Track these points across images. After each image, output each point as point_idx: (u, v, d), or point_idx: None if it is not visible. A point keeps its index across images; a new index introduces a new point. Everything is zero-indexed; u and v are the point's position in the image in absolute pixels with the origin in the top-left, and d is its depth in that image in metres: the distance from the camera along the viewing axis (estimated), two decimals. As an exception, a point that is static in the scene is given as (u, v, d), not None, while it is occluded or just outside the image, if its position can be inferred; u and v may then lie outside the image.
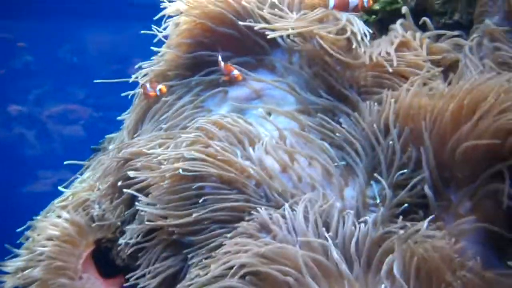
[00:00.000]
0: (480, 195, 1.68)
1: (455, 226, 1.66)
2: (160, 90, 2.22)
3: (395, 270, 1.56)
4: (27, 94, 7.27)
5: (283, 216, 1.74)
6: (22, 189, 6.97)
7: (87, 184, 2.38)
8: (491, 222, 1.65)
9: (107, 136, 2.77)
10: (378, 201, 1.81)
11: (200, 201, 1.85)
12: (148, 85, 2.26)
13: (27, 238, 2.25)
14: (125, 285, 1.99)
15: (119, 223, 2.13)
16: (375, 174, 1.83)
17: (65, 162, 2.73)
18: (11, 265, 2.14)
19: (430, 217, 1.68)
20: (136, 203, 1.95)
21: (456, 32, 2.09)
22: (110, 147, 2.45)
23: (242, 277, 1.64)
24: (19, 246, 2.28)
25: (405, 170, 1.79)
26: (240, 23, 2.13)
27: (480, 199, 1.69)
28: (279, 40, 2.09)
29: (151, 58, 2.41)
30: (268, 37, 2.06)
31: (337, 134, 1.94)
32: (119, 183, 2.09)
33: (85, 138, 7.01)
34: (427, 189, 1.73)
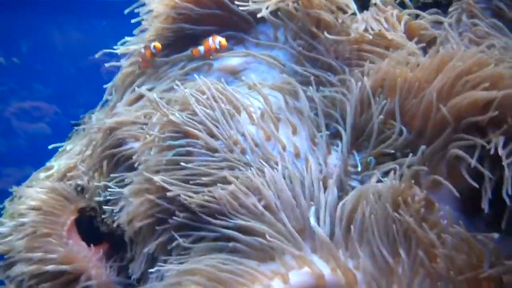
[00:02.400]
0: (453, 163, 1.74)
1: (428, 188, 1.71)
2: (154, 47, 2.23)
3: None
4: (-9, 91, 7.17)
5: (267, 182, 1.79)
6: (-16, 186, 6.86)
7: (70, 155, 2.39)
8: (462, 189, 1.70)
9: (89, 111, 2.77)
10: (359, 169, 1.87)
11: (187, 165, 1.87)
12: (143, 50, 2.28)
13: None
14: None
15: (103, 192, 2.13)
16: (358, 142, 1.89)
17: (50, 147, 2.69)
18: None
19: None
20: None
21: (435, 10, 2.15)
22: (94, 119, 2.46)
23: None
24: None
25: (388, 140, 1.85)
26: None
27: (453, 167, 1.74)
28: (265, 13, 2.13)
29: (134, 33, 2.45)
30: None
31: (322, 103, 1.98)
32: (105, 152, 2.10)
33: (50, 135, 6.93)
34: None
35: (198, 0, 2.25)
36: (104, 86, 2.49)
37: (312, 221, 1.70)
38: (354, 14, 2.13)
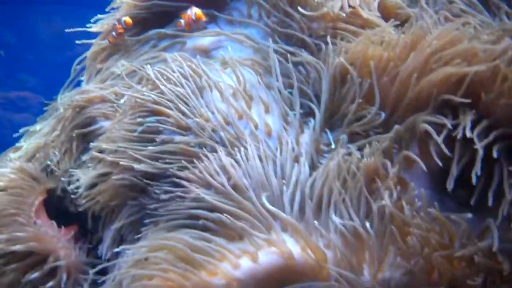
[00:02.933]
0: (424, 140, 1.71)
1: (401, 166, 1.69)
2: (125, 22, 2.19)
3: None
4: (-25, 82, 7.07)
5: (238, 161, 1.76)
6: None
7: (39, 135, 2.34)
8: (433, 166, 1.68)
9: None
10: (333, 146, 1.85)
11: (157, 140, 1.83)
12: (115, 25, 2.24)
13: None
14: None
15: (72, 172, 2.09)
16: (332, 121, 1.86)
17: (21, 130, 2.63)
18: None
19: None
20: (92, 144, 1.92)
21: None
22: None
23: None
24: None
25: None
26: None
27: (425, 144, 1.71)
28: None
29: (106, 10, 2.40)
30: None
31: (295, 81, 1.95)
32: (75, 131, 2.06)
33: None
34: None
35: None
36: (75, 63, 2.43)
37: (268, 205, 1.67)
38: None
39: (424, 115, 1.65)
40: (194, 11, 2.11)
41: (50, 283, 1.89)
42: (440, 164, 1.58)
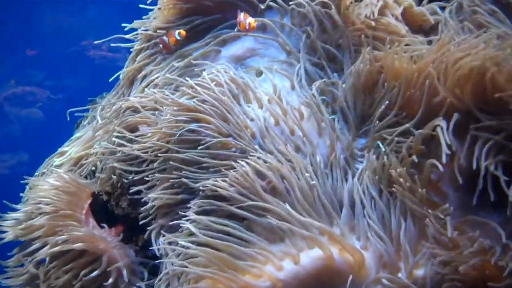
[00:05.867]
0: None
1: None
2: (179, 33, 2.29)
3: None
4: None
5: (276, 165, 1.87)
6: (-22, 172, 6.74)
7: (81, 141, 2.46)
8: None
9: (99, 96, 2.83)
10: (364, 152, 1.96)
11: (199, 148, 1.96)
12: (165, 37, 2.34)
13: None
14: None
15: (115, 176, 2.21)
16: (362, 127, 1.97)
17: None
18: (11, 216, 2.19)
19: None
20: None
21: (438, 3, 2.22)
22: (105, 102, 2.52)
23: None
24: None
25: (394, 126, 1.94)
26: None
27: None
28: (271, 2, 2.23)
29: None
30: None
31: (328, 90, 2.06)
32: (119, 138, 2.17)
33: (43, 120, 6.91)
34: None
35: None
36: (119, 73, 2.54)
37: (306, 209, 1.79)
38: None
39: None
40: (248, 22, 2.20)
41: (109, 281, 2.00)
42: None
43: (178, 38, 2.29)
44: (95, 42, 2.53)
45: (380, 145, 1.89)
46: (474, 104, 1.75)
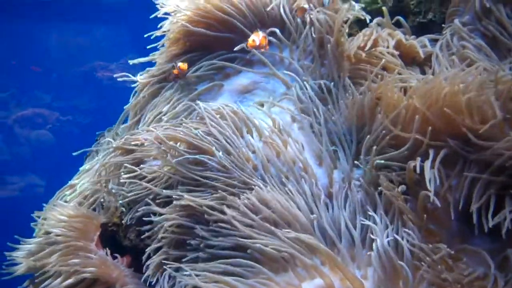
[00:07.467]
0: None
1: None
2: (179, 67, 2.41)
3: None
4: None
5: (277, 197, 1.96)
6: (-12, 194, 6.82)
7: (89, 173, 2.54)
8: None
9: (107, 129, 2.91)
10: (362, 181, 2.04)
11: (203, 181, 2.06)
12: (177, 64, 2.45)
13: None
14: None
15: (123, 208, 2.29)
16: (361, 158, 2.06)
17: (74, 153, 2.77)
18: (24, 247, 2.27)
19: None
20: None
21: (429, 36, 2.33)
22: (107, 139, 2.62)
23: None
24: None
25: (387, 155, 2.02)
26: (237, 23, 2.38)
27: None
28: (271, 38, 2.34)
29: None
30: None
31: (325, 120, 2.16)
32: (124, 175, 2.26)
33: (52, 142, 6.98)
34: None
35: (209, 24, 2.44)
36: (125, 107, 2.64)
37: (308, 239, 1.87)
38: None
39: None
40: (259, 39, 2.30)
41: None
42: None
43: (179, 71, 2.40)
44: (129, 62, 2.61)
45: (371, 172, 1.99)
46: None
